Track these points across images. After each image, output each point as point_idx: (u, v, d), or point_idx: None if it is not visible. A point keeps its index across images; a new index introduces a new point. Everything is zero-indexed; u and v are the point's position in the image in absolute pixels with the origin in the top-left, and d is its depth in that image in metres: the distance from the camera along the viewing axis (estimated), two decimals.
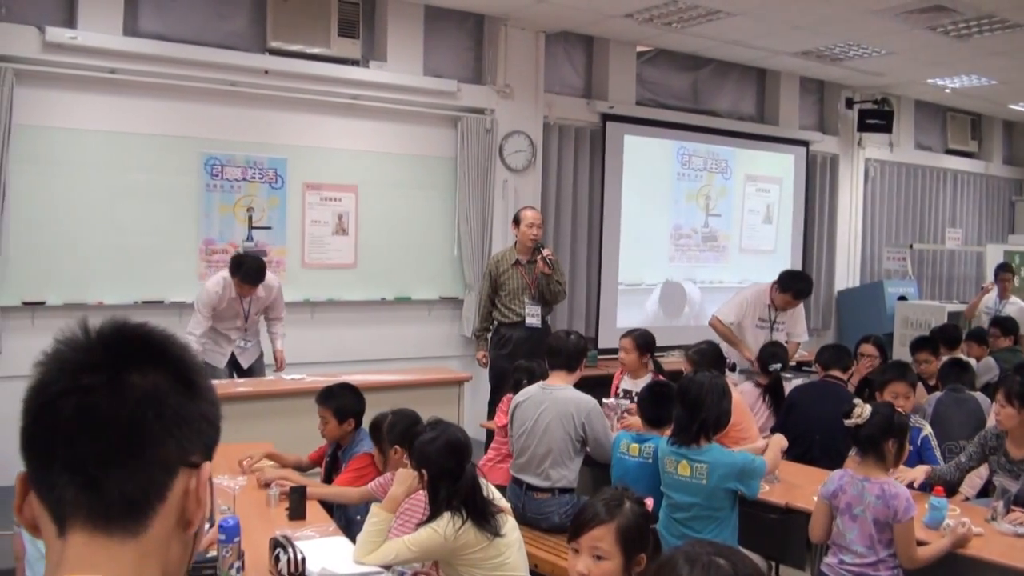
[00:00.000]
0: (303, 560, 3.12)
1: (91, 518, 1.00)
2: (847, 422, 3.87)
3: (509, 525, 3.50)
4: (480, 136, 8.16)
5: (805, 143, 10.76)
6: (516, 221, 6.97)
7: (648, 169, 9.47)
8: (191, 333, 6.23)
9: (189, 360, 1.10)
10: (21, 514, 1.04)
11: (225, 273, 6.41)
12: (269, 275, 6.54)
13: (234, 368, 6.68)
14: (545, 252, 6.87)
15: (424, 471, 3.44)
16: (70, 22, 6.69)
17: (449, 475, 3.40)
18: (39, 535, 1.03)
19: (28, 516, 1.04)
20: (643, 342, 5.77)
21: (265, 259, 7.12)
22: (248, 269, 6.29)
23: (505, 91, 8.26)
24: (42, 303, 6.62)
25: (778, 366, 5.96)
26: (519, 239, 6.95)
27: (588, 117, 9.01)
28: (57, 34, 6.51)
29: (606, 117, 9.02)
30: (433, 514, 3.39)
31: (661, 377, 5.65)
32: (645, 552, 2.60)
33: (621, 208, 9.23)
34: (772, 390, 5.95)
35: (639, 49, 9.31)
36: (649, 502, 2.89)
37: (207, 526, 1.15)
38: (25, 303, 6.59)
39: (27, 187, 6.55)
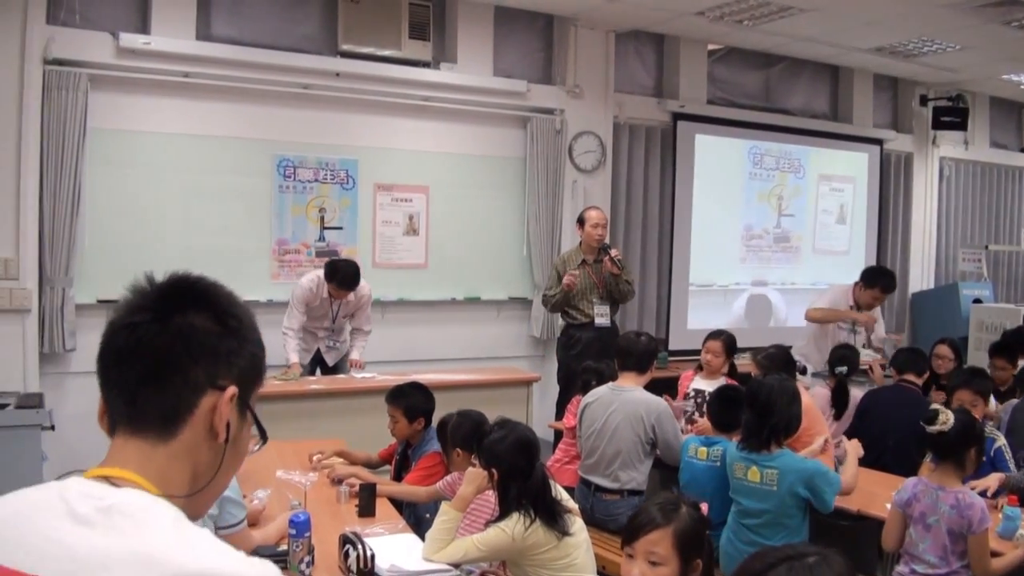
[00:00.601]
0: (372, 557, 3.11)
1: (130, 425, 1.25)
2: (930, 429, 3.71)
3: (577, 526, 3.45)
4: (550, 136, 8.07)
5: (879, 141, 10.44)
6: (580, 222, 6.89)
7: (719, 169, 9.29)
8: (288, 328, 6.37)
9: (228, 306, 1.32)
10: (102, 420, 1.30)
11: (320, 272, 6.46)
12: (362, 282, 6.53)
13: (319, 365, 6.69)
14: (613, 252, 6.80)
15: (494, 470, 3.41)
16: (144, 28, 6.76)
17: (519, 474, 3.38)
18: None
19: (104, 424, 1.30)
20: (732, 344, 5.69)
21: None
22: (344, 275, 6.32)
23: (575, 91, 8.15)
24: (117, 301, 6.63)
25: (844, 369, 5.80)
26: (584, 239, 6.87)
27: (659, 116, 8.85)
28: (131, 40, 6.58)
29: (677, 116, 8.85)
30: (502, 513, 3.37)
31: (731, 381, 5.58)
32: (701, 557, 2.55)
33: (692, 208, 9.06)
34: (835, 394, 5.75)
35: (710, 47, 9.12)
36: (704, 507, 2.85)
37: (255, 447, 1.38)
38: (100, 301, 6.64)
39: (102, 189, 6.65)
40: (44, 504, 1.16)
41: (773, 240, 9.76)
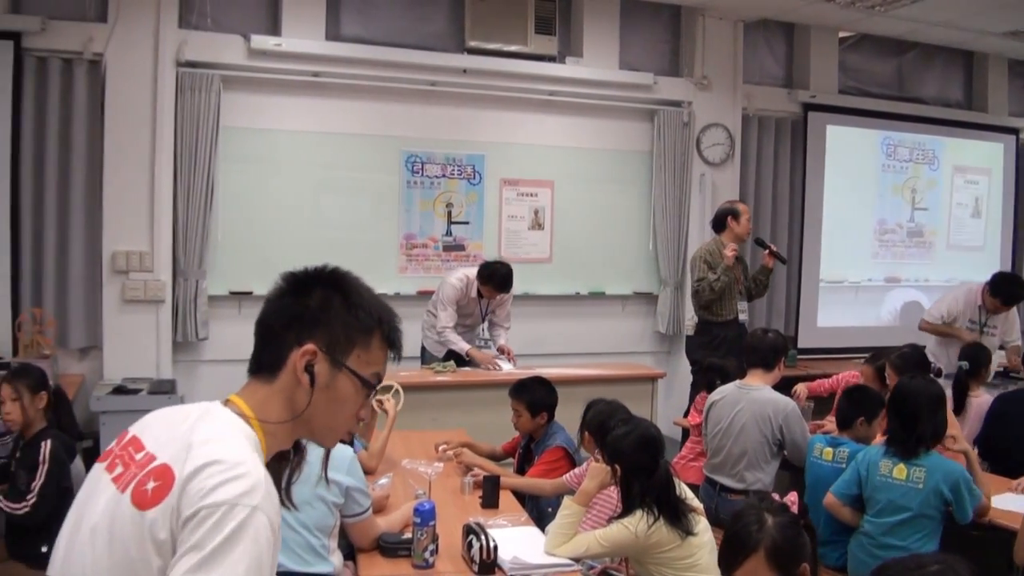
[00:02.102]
0: (495, 548, 3.06)
1: (253, 370, 1.65)
2: None
3: (702, 525, 3.31)
4: (677, 129, 7.70)
5: (1015, 131, 9.65)
6: (732, 214, 6.41)
7: (851, 161, 8.72)
8: (444, 327, 6.30)
9: (350, 291, 1.68)
10: None
11: (467, 271, 6.39)
12: None
13: (455, 358, 6.48)
14: (773, 247, 6.49)
15: (617, 466, 3.30)
16: (274, 30, 6.79)
17: (643, 471, 3.25)
18: None
19: None
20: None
21: (463, 253, 7.11)
22: (501, 278, 6.24)
23: (703, 83, 7.76)
24: (249, 293, 6.74)
25: (964, 364, 5.30)
26: (738, 233, 6.41)
27: (788, 107, 8.35)
28: (262, 41, 6.61)
29: (807, 107, 8.32)
30: (625, 510, 3.27)
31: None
32: (805, 559, 2.40)
33: (823, 202, 8.55)
34: (954, 390, 5.26)
35: (841, 35, 8.56)
36: (792, 497, 2.81)
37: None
38: (232, 292, 6.76)
39: (235, 185, 6.73)
40: (184, 410, 1.60)
41: (907, 235, 9.15)
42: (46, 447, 3.77)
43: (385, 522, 3.38)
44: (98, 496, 1.51)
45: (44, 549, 3.53)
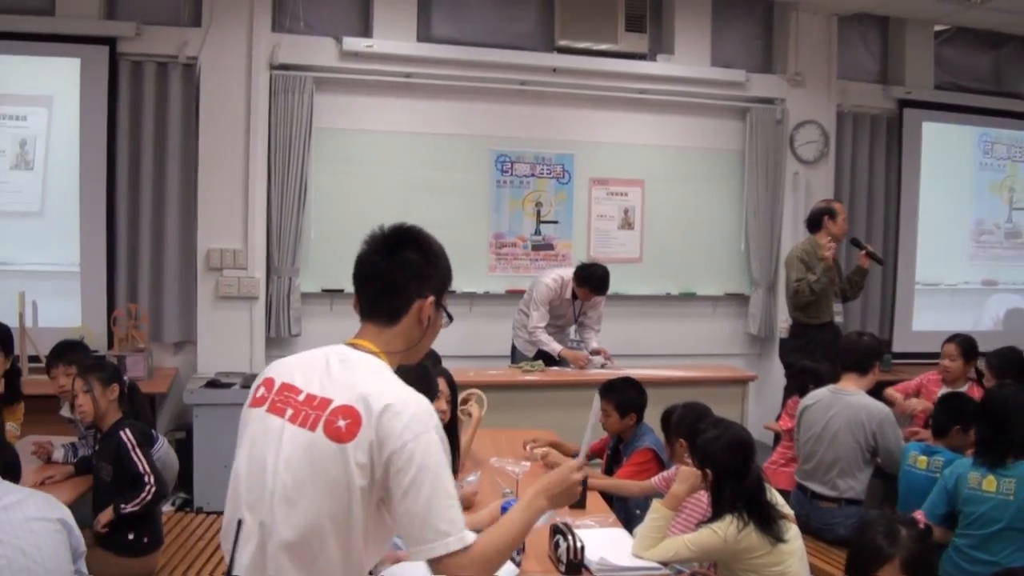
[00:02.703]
0: (582, 548, 3.00)
1: (371, 316, 2.03)
2: None
3: (792, 532, 3.19)
4: (769, 127, 7.47)
5: None
6: (828, 213, 6.16)
7: (947, 159, 8.32)
8: (536, 327, 6.21)
9: (427, 244, 2.06)
10: (355, 309, 2.07)
11: (562, 271, 6.28)
12: None
13: (544, 357, 6.38)
14: (869, 247, 6.25)
15: (708, 470, 3.23)
16: (366, 32, 6.80)
17: (734, 474, 3.17)
18: None
19: (357, 311, 2.06)
20: (969, 348, 5.19)
21: (551, 252, 7.02)
22: (598, 280, 6.12)
23: (796, 79, 7.49)
24: (340, 291, 6.78)
25: None
26: (834, 233, 6.14)
27: (883, 104, 8.00)
28: (354, 43, 6.63)
29: (903, 103, 7.97)
30: (715, 515, 3.19)
31: (979, 387, 5.05)
32: (935, 574, 2.42)
33: (918, 201, 8.20)
34: None
35: (936, 28, 8.24)
36: (919, 516, 2.76)
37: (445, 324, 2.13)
38: (324, 290, 6.82)
39: (327, 185, 6.78)
40: (318, 356, 1.98)
41: (1004, 236, 8.75)
42: (125, 434, 3.76)
43: (471, 519, 3.24)
44: (274, 434, 1.91)
45: (131, 536, 3.65)
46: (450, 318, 2.11)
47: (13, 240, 6.48)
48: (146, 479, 3.71)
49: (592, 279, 6.12)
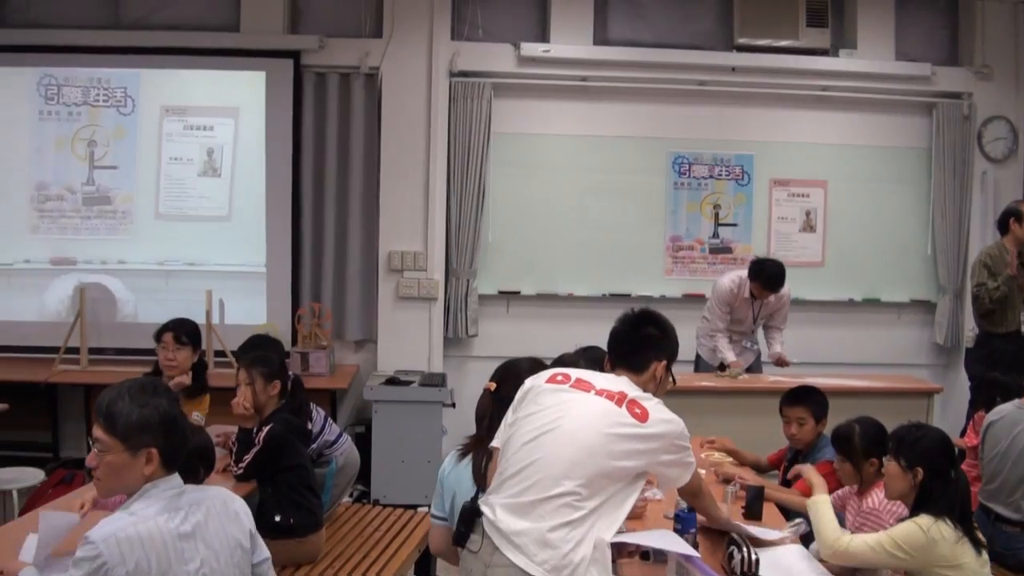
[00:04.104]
0: (756, 561, 2.89)
1: (623, 366, 2.72)
2: None
3: (984, 556, 2.98)
4: (956, 123, 6.97)
5: None
6: (1015, 216, 5.70)
7: None
8: (714, 331, 6.01)
9: (666, 325, 2.78)
10: (606, 364, 2.82)
11: (741, 272, 6.02)
12: None
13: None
14: None
15: (919, 469, 3.01)
16: (543, 37, 6.78)
17: (943, 475, 2.99)
18: None
19: (607, 365, 2.81)
20: None
21: (730, 256, 6.80)
22: (770, 275, 5.85)
23: (983, 72, 6.99)
24: (517, 292, 6.80)
25: None
26: (1019, 237, 5.69)
27: None
28: (531, 48, 6.62)
29: None
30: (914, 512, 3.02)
31: None
32: None
33: None
34: None
35: None
36: None
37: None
38: (501, 292, 6.87)
39: (504, 188, 6.78)
40: (599, 374, 2.72)
41: None
42: (263, 432, 3.84)
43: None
44: (577, 404, 2.55)
45: (278, 518, 3.77)
46: (674, 381, 2.79)
47: (202, 243, 6.71)
48: (241, 464, 3.86)
49: (763, 273, 5.84)
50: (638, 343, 2.72)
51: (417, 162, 6.57)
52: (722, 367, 5.98)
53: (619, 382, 2.62)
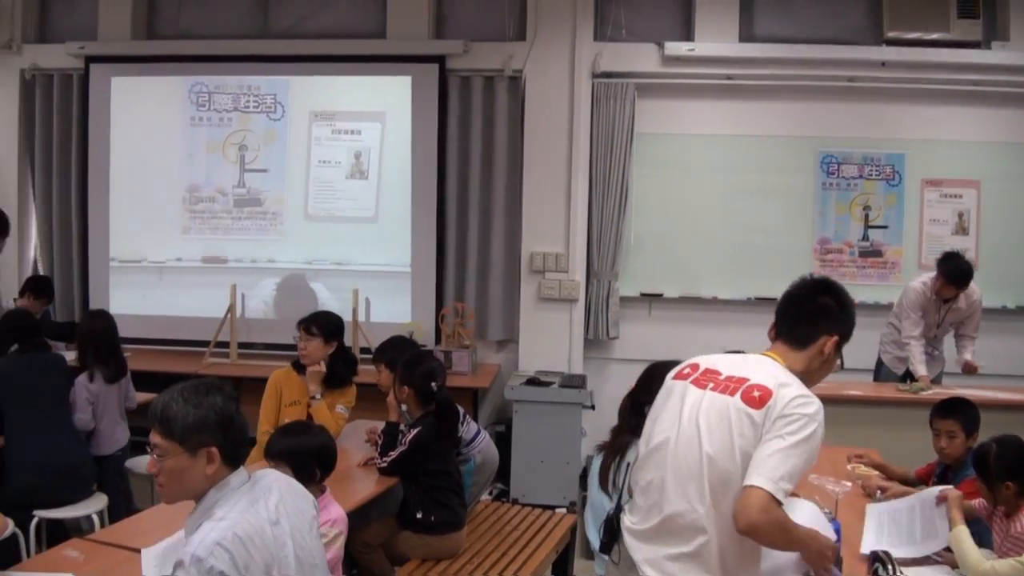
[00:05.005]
0: None
1: (786, 338, 2.50)
2: None
3: None
4: None
5: None
6: None
7: None
8: (909, 337, 5.70)
9: (845, 298, 2.52)
10: (770, 334, 2.57)
11: (930, 274, 5.74)
12: (973, 285, 5.69)
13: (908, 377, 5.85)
14: None
15: None
16: (687, 35, 6.66)
17: None
18: None
19: (771, 335, 2.58)
20: None
21: (879, 260, 6.59)
22: (957, 269, 5.52)
23: None
24: (659, 295, 6.69)
25: None
26: None
27: None
28: (675, 48, 6.52)
29: None
30: None
31: None
32: None
33: None
34: None
35: None
36: None
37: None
38: (643, 294, 6.76)
39: (647, 189, 6.69)
40: (736, 355, 2.52)
41: None
42: (409, 434, 3.98)
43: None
44: (698, 398, 2.40)
45: (419, 515, 3.91)
46: (842, 363, 2.55)
47: (350, 243, 6.85)
48: (385, 459, 4.04)
49: (950, 266, 5.54)
50: (811, 312, 2.46)
51: (559, 164, 6.56)
52: (905, 378, 5.72)
53: (750, 365, 2.41)
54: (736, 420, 2.28)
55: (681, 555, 2.31)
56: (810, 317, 2.46)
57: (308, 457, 3.23)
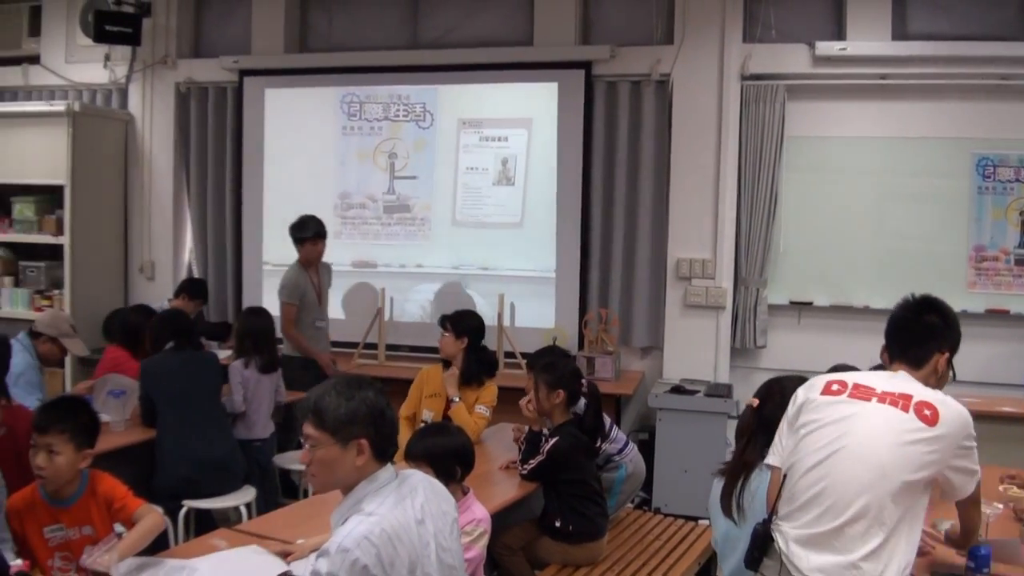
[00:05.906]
0: None
1: (901, 358, 2.62)
2: None
3: None
4: None
5: None
6: None
7: None
8: None
9: (949, 314, 2.66)
10: (883, 356, 2.79)
11: None
12: None
13: None
14: None
15: None
16: (839, 34, 6.46)
17: None
18: None
19: (884, 358, 2.76)
20: None
21: None
22: None
23: None
24: (809, 303, 6.51)
25: None
26: None
27: None
28: (826, 47, 6.33)
29: None
30: None
31: None
32: None
33: None
34: None
35: None
36: None
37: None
38: (792, 302, 6.56)
39: (797, 194, 6.52)
40: (880, 374, 2.64)
41: None
42: (548, 443, 3.99)
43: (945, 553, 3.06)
44: (860, 419, 2.46)
45: (558, 523, 3.97)
46: (954, 375, 2.65)
47: (496, 248, 6.95)
48: (528, 465, 4.05)
49: None
50: (920, 333, 2.60)
51: (707, 168, 6.49)
52: None
53: (900, 381, 2.51)
54: (911, 434, 2.40)
55: (851, 564, 2.34)
56: (920, 338, 2.61)
57: (448, 457, 3.26)
